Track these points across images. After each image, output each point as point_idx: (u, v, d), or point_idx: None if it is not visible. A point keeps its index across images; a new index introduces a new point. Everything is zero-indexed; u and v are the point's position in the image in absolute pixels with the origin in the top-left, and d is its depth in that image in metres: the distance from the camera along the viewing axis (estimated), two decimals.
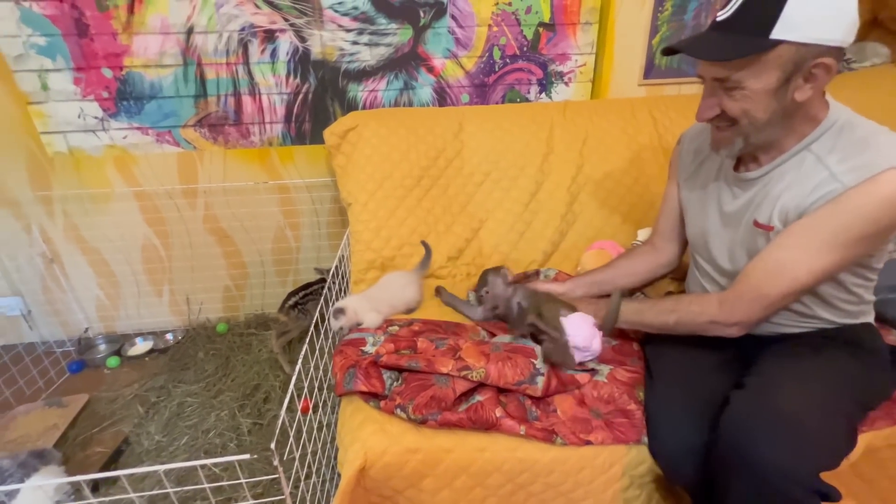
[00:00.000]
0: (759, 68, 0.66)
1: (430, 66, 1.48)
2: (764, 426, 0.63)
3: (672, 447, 0.74)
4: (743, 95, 0.69)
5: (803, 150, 0.73)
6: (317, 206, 1.62)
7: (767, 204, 0.76)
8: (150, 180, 1.52)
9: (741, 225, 0.80)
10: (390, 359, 0.84)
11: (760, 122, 0.70)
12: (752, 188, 0.79)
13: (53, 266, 1.58)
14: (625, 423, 0.80)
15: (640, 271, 1.04)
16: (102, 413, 1.35)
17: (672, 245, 1.04)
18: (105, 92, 1.39)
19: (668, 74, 1.55)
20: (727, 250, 0.84)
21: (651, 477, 0.82)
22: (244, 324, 1.71)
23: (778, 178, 0.75)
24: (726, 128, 0.74)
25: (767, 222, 0.75)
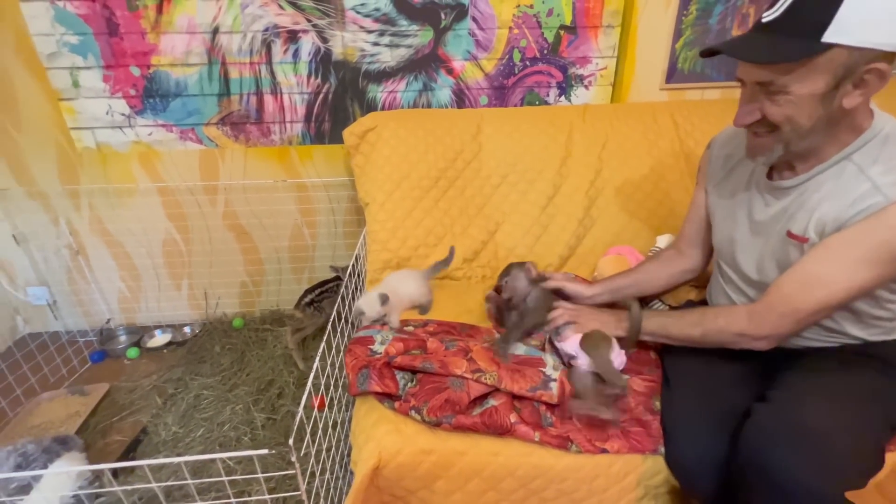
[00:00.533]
0: (807, 72, 0.63)
1: (450, 68, 1.48)
2: (788, 441, 0.61)
3: (690, 459, 0.73)
4: (787, 101, 0.66)
5: (844, 159, 0.70)
6: (333, 205, 1.64)
7: (803, 214, 0.73)
8: (173, 176, 1.55)
9: (772, 235, 0.78)
10: (404, 360, 0.84)
11: (803, 129, 0.68)
12: (787, 197, 0.76)
13: (79, 258, 1.62)
14: (641, 432, 0.79)
15: (664, 277, 1.03)
16: (122, 402, 1.38)
17: (697, 251, 1.02)
18: (132, 89, 1.42)
19: (691, 79, 1.53)
20: (755, 260, 0.82)
21: (666, 488, 0.81)
22: (259, 319, 1.74)
23: (815, 188, 0.73)
24: (765, 134, 0.71)
25: (802, 233, 0.73)
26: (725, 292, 0.90)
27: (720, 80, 1.53)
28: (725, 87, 1.56)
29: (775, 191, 0.78)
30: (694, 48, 1.49)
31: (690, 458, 0.73)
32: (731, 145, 0.90)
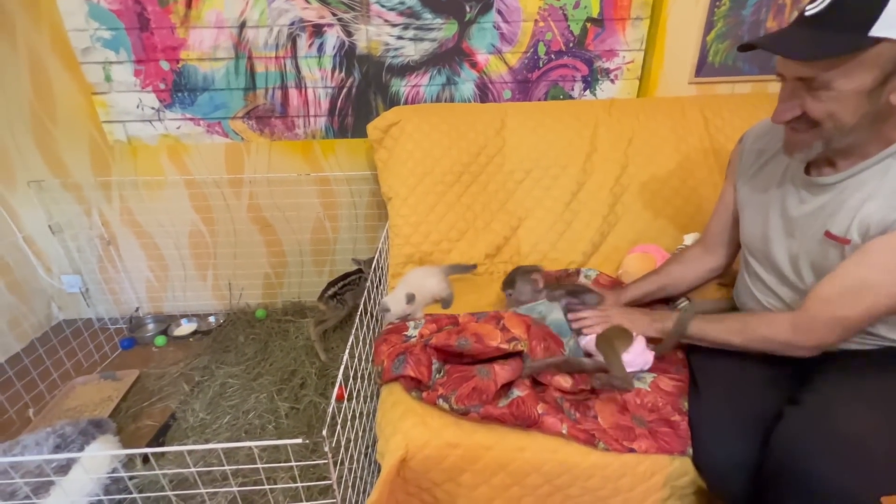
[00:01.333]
0: (852, 67, 0.61)
1: (474, 62, 1.47)
2: (823, 446, 0.60)
3: (719, 461, 0.72)
4: (830, 97, 0.64)
5: (889, 156, 0.68)
6: (355, 199, 1.65)
7: (844, 214, 0.71)
8: (200, 169, 1.58)
9: (808, 234, 0.76)
10: (439, 339, 0.85)
11: (846, 125, 0.65)
12: (825, 194, 0.74)
13: (110, 247, 1.67)
14: (669, 432, 0.78)
15: (690, 278, 1.02)
16: (151, 388, 1.42)
17: (724, 249, 1.00)
18: (162, 84, 1.45)
19: (721, 72, 1.48)
20: (789, 259, 0.80)
21: (693, 489, 0.80)
22: (281, 310, 1.77)
23: (857, 187, 0.70)
24: (805, 130, 0.69)
25: (844, 235, 0.70)
26: (752, 292, 0.88)
27: (753, 73, 1.49)
28: (757, 81, 1.51)
29: (813, 187, 0.76)
30: (726, 40, 1.45)
31: (719, 460, 0.72)
32: (764, 140, 0.87)
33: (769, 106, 1.33)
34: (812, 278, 0.77)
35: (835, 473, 0.58)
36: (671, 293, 1.05)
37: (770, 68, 1.49)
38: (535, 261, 1.31)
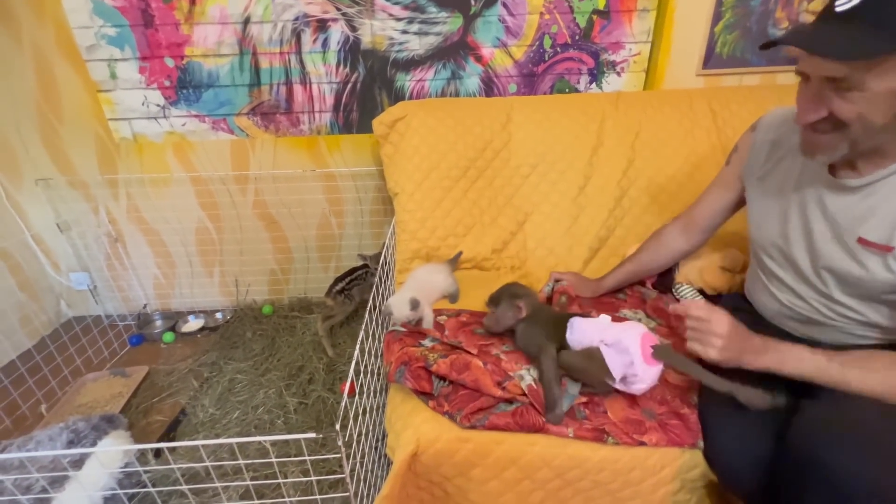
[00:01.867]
0: (888, 67, 0.58)
1: (479, 56, 1.46)
2: (845, 435, 0.60)
3: (730, 454, 0.72)
4: (861, 97, 0.61)
5: None
6: (360, 195, 1.65)
7: (881, 220, 0.68)
8: (206, 166, 1.59)
9: (834, 238, 0.74)
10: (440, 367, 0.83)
11: (875, 127, 0.63)
12: (851, 197, 0.72)
13: (117, 245, 1.68)
14: (679, 425, 0.78)
15: (662, 261, 1.10)
16: (161, 384, 1.44)
17: (704, 235, 1.03)
18: (167, 80, 1.45)
19: (729, 64, 1.47)
20: (810, 261, 0.78)
21: (703, 482, 0.80)
22: (288, 306, 1.78)
23: (890, 192, 0.68)
24: (829, 131, 0.66)
25: (886, 242, 0.67)
26: (771, 291, 0.86)
27: (761, 65, 1.47)
28: (766, 73, 1.50)
29: (837, 189, 0.73)
30: (734, 31, 1.43)
31: (731, 453, 0.72)
32: (779, 131, 0.85)
33: (777, 98, 1.33)
34: (833, 283, 0.76)
35: (857, 464, 0.57)
36: (646, 274, 1.14)
37: (780, 59, 1.47)
38: (541, 256, 1.31)
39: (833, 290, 0.76)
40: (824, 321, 0.79)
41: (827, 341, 0.79)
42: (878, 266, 0.69)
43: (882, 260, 0.69)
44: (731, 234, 1.23)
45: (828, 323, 0.79)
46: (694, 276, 1.14)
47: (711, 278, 1.12)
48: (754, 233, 0.89)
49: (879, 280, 0.70)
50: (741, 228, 1.22)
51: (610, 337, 0.79)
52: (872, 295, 0.73)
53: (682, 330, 0.79)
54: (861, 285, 0.72)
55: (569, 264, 1.29)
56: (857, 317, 0.76)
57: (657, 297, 1.12)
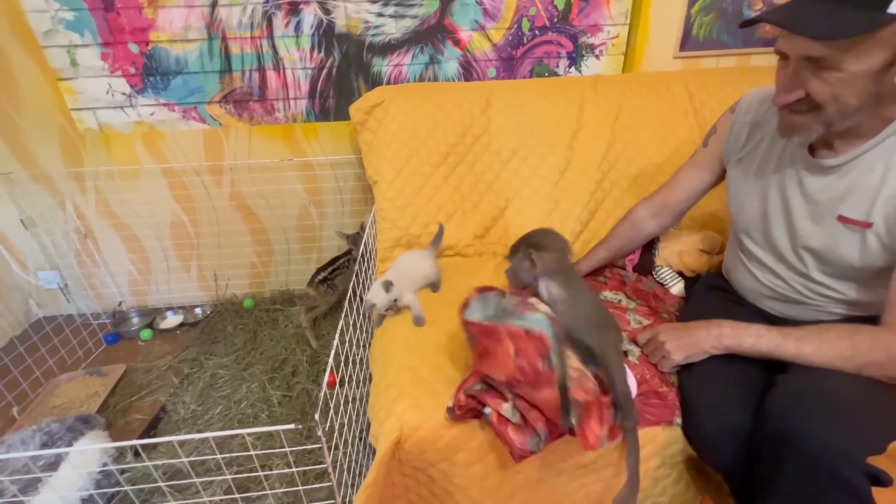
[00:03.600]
0: (867, 47, 0.59)
1: (457, 39, 1.43)
2: (816, 408, 0.62)
3: (710, 429, 0.73)
4: (838, 78, 0.61)
5: (892, 135, 0.66)
6: (340, 184, 1.62)
7: (860, 197, 0.69)
8: (178, 157, 1.53)
9: (814, 217, 0.75)
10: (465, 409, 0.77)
11: (850, 108, 0.63)
12: (828, 176, 0.73)
13: (87, 241, 1.62)
14: (658, 404, 0.80)
15: (635, 244, 1.12)
16: (139, 382, 1.40)
17: (674, 218, 1.05)
18: (132, 67, 1.39)
19: (706, 46, 1.48)
20: (790, 240, 0.79)
21: (683, 457, 0.82)
22: (270, 300, 1.75)
23: (866, 169, 0.69)
24: (805, 112, 0.67)
25: (865, 218, 0.69)
26: (750, 271, 0.88)
27: (737, 46, 1.48)
28: (741, 55, 1.51)
29: (816, 169, 0.74)
30: (710, 13, 1.43)
31: (710, 429, 0.73)
32: (758, 111, 0.85)
33: (753, 80, 1.34)
34: (812, 262, 0.77)
35: (827, 434, 0.59)
36: (617, 260, 1.18)
37: (755, 41, 1.48)
38: None
39: (811, 270, 0.78)
40: (802, 300, 0.81)
41: (803, 319, 0.81)
42: (856, 243, 0.71)
43: (861, 236, 0.70)
44: (709, 215, 1.26)
45: (805, 301, 0.81)
46: (673, 260, 1.16)
47: (690, 261, 1.14)
48: (735, 214, 0.90)
49: (857, 256, 0.71)
50: (719, 210, 1.25)
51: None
52: (850, 272, 0.74)
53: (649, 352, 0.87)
54: (839, 263, 0.74)
55: None
56: (834, 294, 0.77)
57: (637, 279, 1.13)
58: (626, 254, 1.17)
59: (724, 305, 0.92)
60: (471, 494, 0.80)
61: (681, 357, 0.80)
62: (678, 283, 1.11)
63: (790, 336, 0.72)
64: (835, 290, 0.77)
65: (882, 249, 0.69)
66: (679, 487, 0.85)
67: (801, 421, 0.61)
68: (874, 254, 0.70)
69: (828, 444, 0.58)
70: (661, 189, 1.06)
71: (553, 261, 0.82)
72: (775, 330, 0.73)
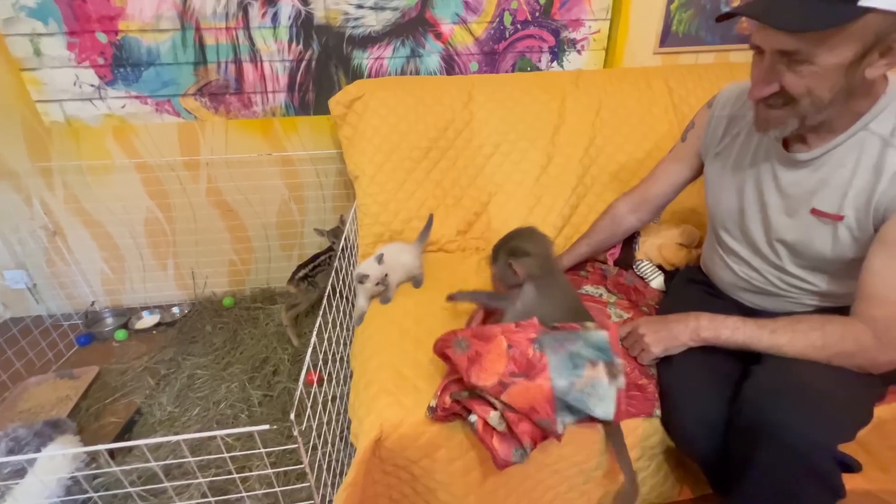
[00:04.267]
0: (838, 41, 0.59)
1: (438, 33, 1.42)
2: (789, 398, 0.63)
3: (688, 421, 0.75)
4: (811, 72, 0.62)
5: (861, 129, 0.68)
6: (322, 179, 1.59)
7: (831, 192, 0.70)
8: (151, 151, 1.48)
9: (788, 210, 0.76)
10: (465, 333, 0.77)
11: (823, 101, 0.64)
12: (802, 170, 0.74)
13: (56, 239, 1.56)
14: (638, 396, 0.80)
15: (619, 240, 1.14)
16: (114, 385, 1.36)
17: (653, 213, 1.06)
18: (100, 58, 1.33)
19: (685, 42, 1.49)
20: (765, 234, 0.80)
21: (661, 448, 0.83)
22: (250, 298, 1.71)
23: (837, 163, 0.70)
24: (780, 106, 0.67)
25: (836, 211, 0.70)
26: (727, 264, 0.89)
27: (715, 43, 1.50)
28: (719, 51, 1.53)
29: (790, 163, 0.75)
30: (689, 9, 1.45)
31: (689, 421, 0.74)
32: (735, 106, 0.86)
33: (731, 76, 1.36)
34: (786, 254, 0.79)
35: (799, 424, 0.61)
36: (598, 254, 1.18)
37: (732, 37, 1.51)
38: None
39: (786, 262, 0.79)
40: (777, 292, 0.82)
41: (778, 311, 0.83)
42: (828, 236, 0.72)
43: (833, 229, 0.72)
44: (688, 210, 1.27)
45: (780, 293, 0.82)
46: (653, 254, 1.17)
47: (669, 255, 1.15)
48: (712, 208, 0.91)
49: (829, 249, 0.73)
50: (697, 205, 1.26)
51: None
52: (822, 265, 0.76)
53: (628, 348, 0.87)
54: (811, 256, 0.75)
55: None
56: (807, 286, 0.79)
57: (618, 274, 1.14)
58: (608, 248, 1.17)
59: (702, 298, 0.93)
60: (453, 491, 0.79)
61: (660, 350, 0.80)
62: (658, 277, 1.13)
63: (765, 327, 0.73)
64: (808, 283, 0.79)
65: (853, 242, 0.71)
66: (658, 478, 0.87)
67: (775, 412, 0.62)
68: (845, 246, 0.72)
69: (800, 434, 0.60)
70: (640, 184, 1.06)
71: (534, 265, 0.82)
72: (751, 322, 0.74)
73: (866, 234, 0.69)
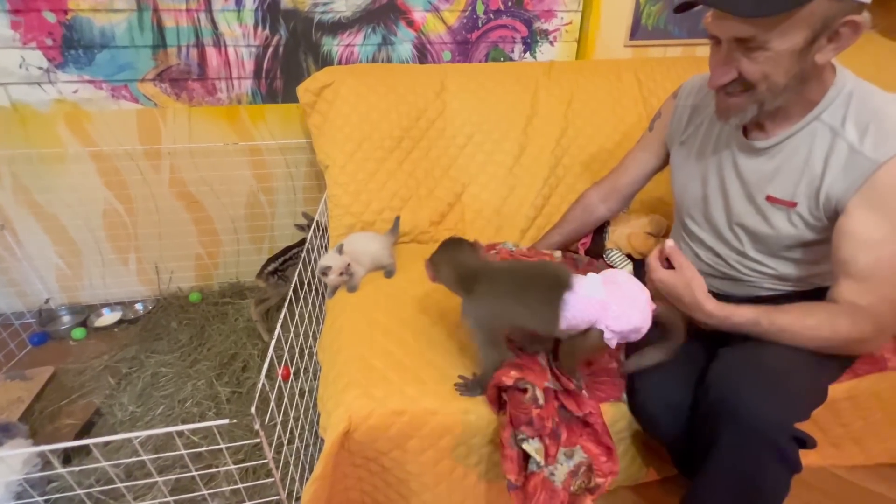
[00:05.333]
0: (789, 26, 0.61)
1: (410, 20, 1.39)
2: (752, 379, 0.65)
3: (655, 405, 0.76)
4: (766, 57, 0.64)
5: (814, 120, 0.70)
6: (291, 170, 1.55)
7: (785, 179, 0.73)
8: (108, 139, 1.40)
9: (746, 196, 0.78)
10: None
11: (779, 86, 0.66)
12: (760, 157, 0.76)
13: (4, 233, 1.47)
14: (606, 381, 0.82)
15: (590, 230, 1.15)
16: (70, 385, 1.29)
17: (623, 203, 1.08)
18: (49, 39, 1.25)
19: (654, 35, 1.51)
20: (727, 219, 0.82)
21: (629, 432, 0.85)
22: (219, 293, 1.66)
23: (792, 152, 0.72)
24: (739, 93, 0.69)
25: (790, 198, 0.72)
26: (694, 251, 0.91)
27: (682, 37, 1.53)
28: (687, 45, 1.56)
29: (749, 150, 0.77)
30: (657, 3, 1.47)
31: (655, 405, 0.76)
32: (698, 96, 0.88)
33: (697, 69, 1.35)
34: (747, 239, 0.81)
35: (760, 403, 0.63)
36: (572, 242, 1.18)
37: (699, 32, 1.54)
38: (480, 227, 1.30)
39: (747, 248, 0.82)
40: (739, 276, 0.85)
41: (740, 295, 0.85)
42: (783, 221, 0.75)
43: (787, 215, 0.74)
44: (656, 199, 1.30)
45: (742, 278, 0.85)
46: (623, 243, 1.19)
47: (638, 243, 1.17)
48: (678, 196, 0.93)
49: (784, 234, 0.75)
50: (664, 194, 1.29)
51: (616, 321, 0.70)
52: (780, 249, 0.78)
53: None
54: (769, 241, 0.78)
55: (507, 234, 1.30)
56: (767, 271, 0.82)
57: (588, 263, 1.16)
58: (580, 237, 1.19)
59: None
60: (424, 481, 0.79)
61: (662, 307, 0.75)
62: (627, 265, 1.15)
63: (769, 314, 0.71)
64: (768, 267, 0.81)
65: (807, 228, 0.74)
66: (626, 460, 0.89)
67: (739, 393, 0.65)
68: (801, 231, 0.74)
69: (760, 413, 0.62)
70: (610, 174, 1.08)
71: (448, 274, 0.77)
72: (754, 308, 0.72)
73: (819, 221, 0.72)
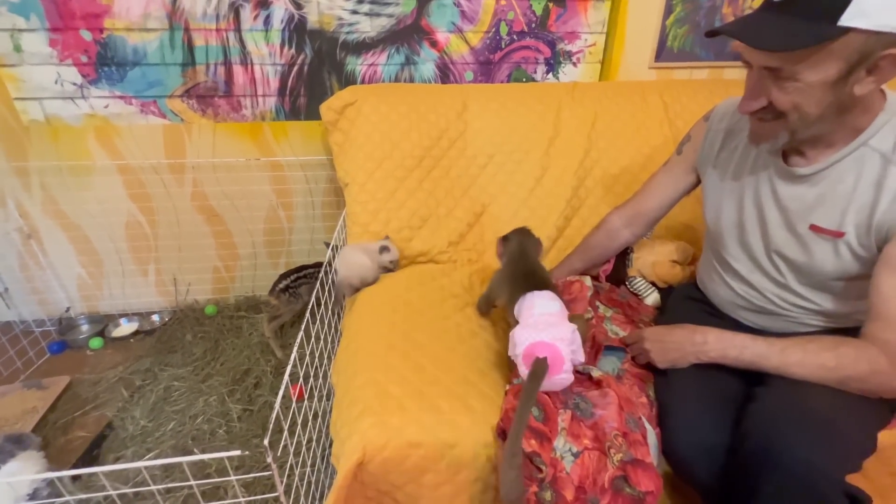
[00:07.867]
0: (820, 59, 0.59)
1: (434, 41, 1.40)
2: (795, 426, 0.60)
3: (687, 446, 0.71)
4: (796, 88, 0.62)
5: (861, 146, 0.67)
6: (311, 186, 1.55)
7: (831, 208, 0.69)
8: (135, 153, 1.43)
9: (787, 225, 0.75)
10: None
11: (811, 116, 0.64)
12: (801, 185, 0.73)
13: (31, 242, 1.50)
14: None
15: (612, 255, 1.11)
16: (85, 396, 1.29)
17: (647, 227, 1.04)
18: (84, 56, 1.29)
19: (680, 57, 1.49)
20: (765, 248, 0.79)
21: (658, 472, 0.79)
22: (234, 306, 1.66)
23: (837, 179, 0.69)
24: (771, 120, 0.67)
25: (837, 228, 0.69)
26: (725, 281, 0.87)
27: (709, 59, 1.51)
28: (714, 67, 1.53)
29: (789, 177, 0.74)
30: (684, 25, 1.45)
31: (688, 446, 0.71)
32: (732, 119, 0.85)
33: (725, 92, 1.36)
34: (787, 270, 0.77)
35: (808, 452, 0.58)
36: (594, 268, 1.13)
37: (726, 54, 1.51)
38: None
39: (789, 279, 0.77)
40: (777, 311, 0.80)
41: (779, 331, 0.80)
42: (828, 252, 0.71)
43: (833, 246, 0.70)
44: (682, 225, 1.26)
45: (780, 312, 0.80)
46: (647, 270, 1.15)
47: (663, 272, 1.13)
48: (711, 222, 0.89)
49: (831, 266, 0.71)
50: (691, 220, 1.25)
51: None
52: (824, 282, 0.74)
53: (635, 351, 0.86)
54: (813, 272, 0.74)
55: None
56: (809, 305, 0.77)
57: (610, 290, 1.12)
58: (601, 263, 1.14)
59: (701, 317, 0.90)
60: None
61: (665, 366, 0.79)
62: (653, 294, 1.10)
63: (774, 346, 0.70)
64: (810, 301, 0.77)
65: (854, 259, 0.69)
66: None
67: (781, 440, 0.60)
68: (847, 263, 0.70)
69: (808, 464, 0.57)
70: (634, 197, 1.05)
71: (511, 246, 0.96)
72: (760, 340, 0.72)
73: (869, 252, 0.68)
